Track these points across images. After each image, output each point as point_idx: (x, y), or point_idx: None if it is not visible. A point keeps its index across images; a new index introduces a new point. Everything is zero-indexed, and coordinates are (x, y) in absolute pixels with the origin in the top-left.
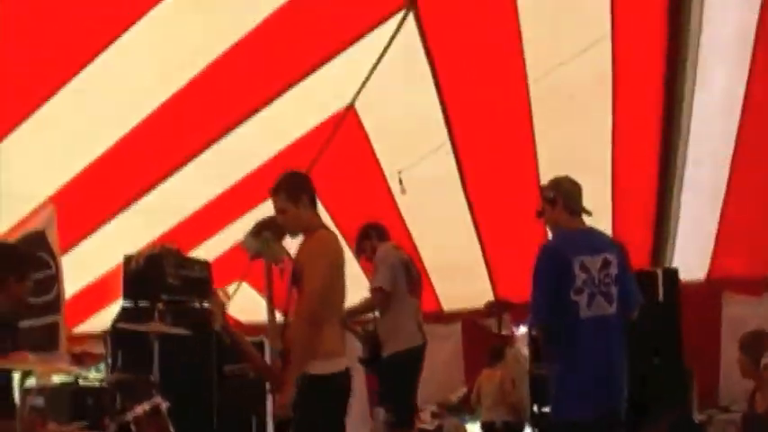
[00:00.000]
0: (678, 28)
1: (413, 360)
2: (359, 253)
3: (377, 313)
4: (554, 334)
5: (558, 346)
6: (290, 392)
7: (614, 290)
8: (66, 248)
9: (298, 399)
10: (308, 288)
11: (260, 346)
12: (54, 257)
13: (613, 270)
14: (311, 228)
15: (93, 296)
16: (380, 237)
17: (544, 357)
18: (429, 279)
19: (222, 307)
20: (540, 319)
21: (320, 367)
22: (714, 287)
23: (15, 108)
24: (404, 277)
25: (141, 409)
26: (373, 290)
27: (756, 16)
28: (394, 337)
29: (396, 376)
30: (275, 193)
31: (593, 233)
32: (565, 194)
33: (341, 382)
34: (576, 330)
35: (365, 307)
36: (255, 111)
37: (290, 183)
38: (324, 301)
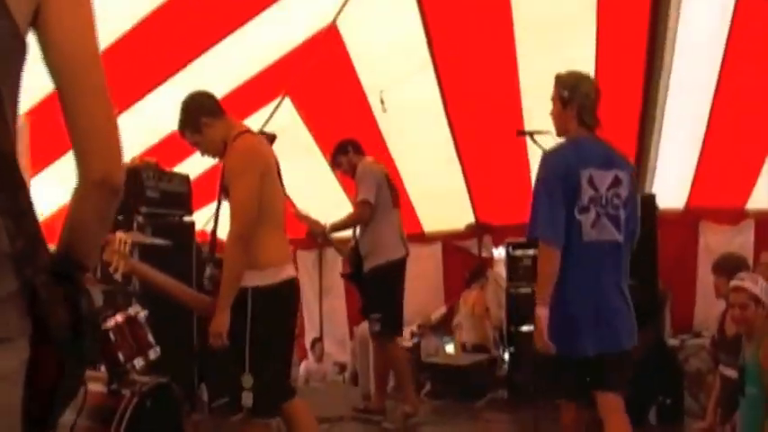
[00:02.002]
0: None
1: (395, 271)
2: (335, 167)
3: (358, 229)
4: (555, 253)
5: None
6: (224, 319)
7: (623, 213)
8: (45, 165)
9: (241, 315)
10: (232, 203)
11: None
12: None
13: (623, 191)
14: (228, 138)
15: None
16: (357, 151)
17: (538, 282)
18: (410, 200)
19: (121, 253)
20: (544, 232)
21: (260, 278)
22: (692, 216)
23: None
24: (387, 190)
25: (119, 317)
26: (359, 203)
27: None
28: (376, 249)
29: (380, 288)
30: (181, 134)
31: (605, 146)
32: (581, 99)
33: (284, 292)
34: (577, 255)
35: (350, 221)
36: (236, 28)
37: (185, 115)
38: (253, 212)
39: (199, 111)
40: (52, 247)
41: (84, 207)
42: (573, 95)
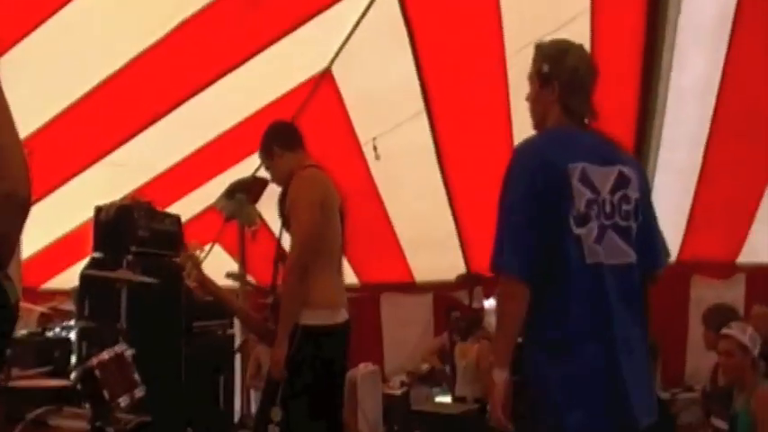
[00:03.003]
0: (656, 11)
1: None
2: None
3: None
4: (518, 290)
5: (541, 313)
6: (283, 349)
7: (634, 225)
8: (34, 200)
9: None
10: (293, 232)
11: None
12: None
13: (633, 192)
14: (294, 172)
15: (64, 251)
16: None
17: (496, 334)
18: (401, 249)
19: (194, 260)
20: (503, 261)
21: (311, 317)
22: (683, 270)
23: None
24: None
25: (106, 354)
26: None
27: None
28: None
29: None
30: (259, 155)
31: (602, 137)
32: (567, 76)
33: (334, 337)
34: (580, 285)
35: None
36: (231, 69)
37: (263, 140)
38: (313, 242)
39: (273, 139)
40: None
41: None
42: (555, 70)
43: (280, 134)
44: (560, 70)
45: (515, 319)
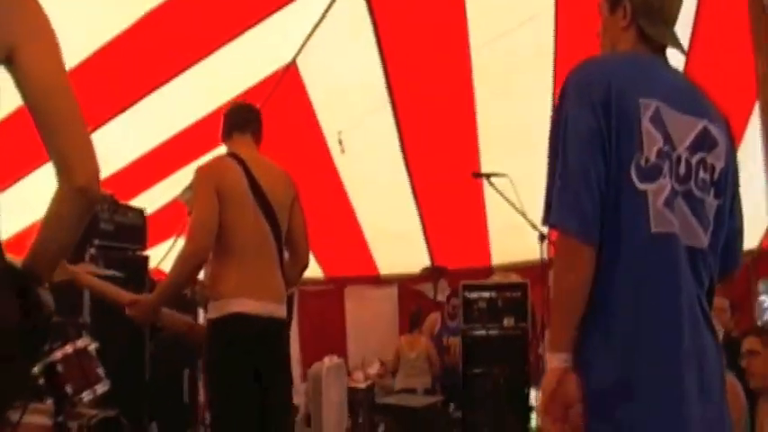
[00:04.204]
0: None
1: None
2: None
3: None
4: (583, 252)
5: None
6: (144, 308)
7: (713, 200)
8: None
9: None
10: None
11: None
12: None
13: (718, 161)
14: None
15: (25, 245)
16: None
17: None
18: (366, 243)
19: None
20: (563, 215)
21: (213, 309)
22: None
23: None
24: None
25: (69, 348)
26: None
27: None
28: None
29: None
30: None
31: (689, 82)
32: (644, 2)
33: (235, 327)
34: (640, 260)
35: None
36: (195, 62)
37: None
38: (204, 235)
39: (222, 129)
40: None
41: (62, 210)
42: None
43: (226, 122)
44: None
45: (576, 292)
